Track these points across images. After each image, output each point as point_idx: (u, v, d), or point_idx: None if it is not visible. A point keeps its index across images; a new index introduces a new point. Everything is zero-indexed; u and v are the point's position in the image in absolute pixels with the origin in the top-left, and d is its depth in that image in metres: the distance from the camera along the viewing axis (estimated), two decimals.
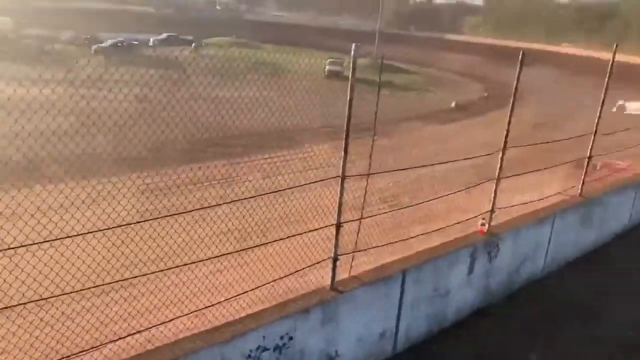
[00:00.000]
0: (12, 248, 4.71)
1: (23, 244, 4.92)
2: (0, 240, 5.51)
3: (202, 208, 6.23)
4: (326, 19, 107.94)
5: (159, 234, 6.03)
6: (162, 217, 5.65)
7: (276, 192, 6.88)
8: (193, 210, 6.04)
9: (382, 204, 11.62)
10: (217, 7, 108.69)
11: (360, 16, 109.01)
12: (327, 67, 43.58)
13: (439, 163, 9.12)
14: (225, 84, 9.36)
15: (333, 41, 61.77)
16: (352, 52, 6.30)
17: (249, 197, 6.52)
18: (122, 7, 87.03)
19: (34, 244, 4.93)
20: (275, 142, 12.13)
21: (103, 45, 46.48)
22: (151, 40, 56.43)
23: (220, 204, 6.51)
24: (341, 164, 6.68)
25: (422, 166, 8.68)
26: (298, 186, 7.13)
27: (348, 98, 6.41)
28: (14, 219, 6.03)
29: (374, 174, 7.33)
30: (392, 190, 12.51)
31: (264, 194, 7.04)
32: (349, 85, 6.39)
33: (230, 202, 6.37)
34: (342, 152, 6.66)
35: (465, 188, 8.88)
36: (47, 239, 4.95)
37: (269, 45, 65.56)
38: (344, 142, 6.63)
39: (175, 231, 6.27)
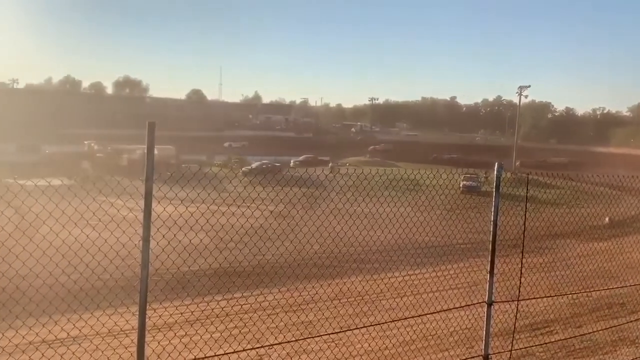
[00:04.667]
0: None
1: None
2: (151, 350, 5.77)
3: (342, 331, 6.06)
4: (460, 136, 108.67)
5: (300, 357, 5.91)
6: (302, 338, 5.57)
7: (415, 317, 6.51)
8: (333, 333, 5.89)
9: (531, 332, 10.47)
10: (352, 129, 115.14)
11: (496, 131, 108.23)
12: (462, 182, 42.93)
13: (598, 289, 8.09)
14: (363, 200, 9.54)
15: (469, 157, 61.48)
16: (496, 170, 6.04)
17: (389, 322, 6.23)
18: (268, 133, 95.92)
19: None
20: (411, 259, 11.82)
21: (250, 167, 50.86)
22: (292, 161, 60.80)
23: (359, 327, 6.30)
24: (483, 284, 6.18)
25: (579, 292, 7.75)
26: (438, 312, 6.69)
27: (492, 215, 6.07)
28: (164, 330, 6.38)
29: (525, 299, 6.66)
30: (543, 315, 11.29)
31: (402, 319, 6.71)
32: (493, 204, 6.08)
33: (369, 325, 6.14)
34: (485, 272, 6.18)
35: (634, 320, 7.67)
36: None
37: (403, 163, 66.95)
38: (489, 261, 6.18)
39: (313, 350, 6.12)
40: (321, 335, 7.13)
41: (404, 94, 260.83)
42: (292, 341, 6.78)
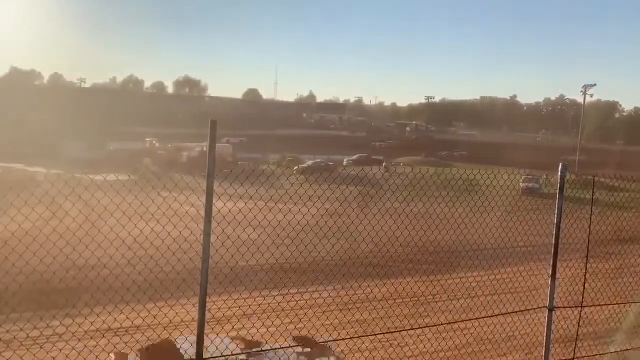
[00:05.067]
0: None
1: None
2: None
3: (395, 331, 6.05)
4: (521, 136, 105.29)
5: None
6: (356, 337, 5.60)
7: (471, 320, 6.39)
8: (387, 333, 5.89)
9: (594, 341, 10.03)
10: (407, 128, 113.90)
11: (558, 132, 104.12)
12: (522, 184, 41.58)
13: None
14: (420, 200, 9.44)
15: (529, 158, 59.51)
16: (560, 171, 5.83)
17: (444, 324, 6.15)
18: (321, 132, 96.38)
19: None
20: (469, 261, 11.58)
21: (304, 165, 51.28)
22: (345, 160, 60.85)
23: (413, 329, 6.26)
24: (544, 289, 5.98)
25: None
26: (495, 315, 6.54)
27: (556, 217, 5.87)
28: (223, 322, 6.57)
29: (588, 306, 6.40)
30: (608, 324, 10.81)
31: (457, 322, 6.61)
32: (557, 206, 5.87)
33: (424, 327, 6.09)
34: (546, 276, 5.98)
35: None
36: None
37: (460, 163, 65.60)
38: (551, 265, 5.98)
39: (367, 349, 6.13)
40: (375, 335, 7.13)
41: (462, 92, 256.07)
42: (345, 339, 6.81)
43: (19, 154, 53.30)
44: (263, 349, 6.06)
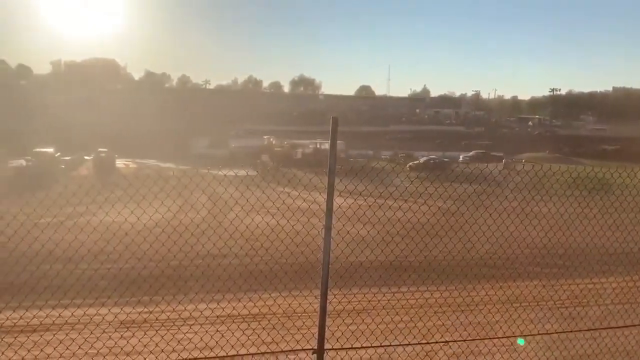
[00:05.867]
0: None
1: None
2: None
3: (514, 336, 5.73)
4: None
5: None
6: (472, 339, 5.39)
7: (601, 329, 5.88)
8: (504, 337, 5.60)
9: None
10: (529, 123, 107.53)
11: None
12: None
13: None
14: (542, 199, 8.85)
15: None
16: None
17: (569, 331, 5.72)
18: (435, 127, 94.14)
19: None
20: (603, 265, 10.66)
21: (416, 162, 50.48)
22: (461, 157, 58.90)
23: (533, 334, 5.89)
24: None
25: None
26: (628, 326, 5.95)
27: None
28: (333, 316, 6.66)
29: None
30: None
31: (586, 330, 6.10)
32: None
33: (546, 333, 5.70)
34: None
35: None
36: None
37: (588, 160, 60.61)
38: None
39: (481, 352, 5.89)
40: (491, 339, 6.82)
41: (591, 83, 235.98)
42: (460, 341, 6.60)
43: (152, 151, 58.39)
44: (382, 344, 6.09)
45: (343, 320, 7.08)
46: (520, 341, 7.03)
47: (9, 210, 8.14)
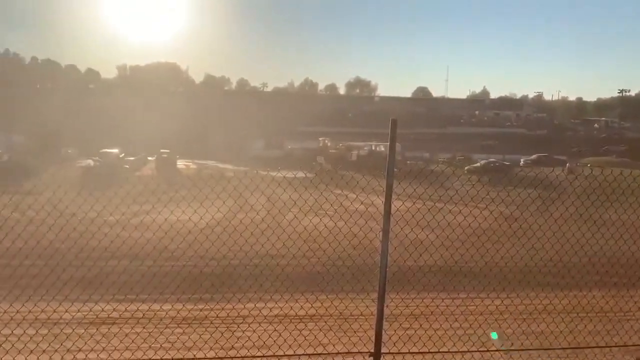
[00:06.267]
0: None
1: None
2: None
3: (578, 347, 5.50)
4: None
5: None
6: (532, 349, 5.22)
7: None
8: (569, 348, 5.40)
9: None
10: (595, 125, 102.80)
11: None
12: None
13: None
14: (611, 205, 8.46)
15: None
16: None
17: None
18: (495, 129, 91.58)
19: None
20: None
21: (475, 165, 49.28)
22: (522, 160, 57.00)
23: (600, 347, 5.64)
24: None
25: None
26: None
27: None
28: (390, 320, 6.62)
29: None
30: None
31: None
32: None
33: (614, 346, 5.45)
34: None
35: None
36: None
37: None
38: None
39: None
40: (554, 349, 6.59)
41: None
42: (519, 350, 6.41)
43: (211, 152, 60.01)
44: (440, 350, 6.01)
45: (400, 325, 7.03)
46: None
47: (79, 208, 8.59)
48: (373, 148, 51.58)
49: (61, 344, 6.27)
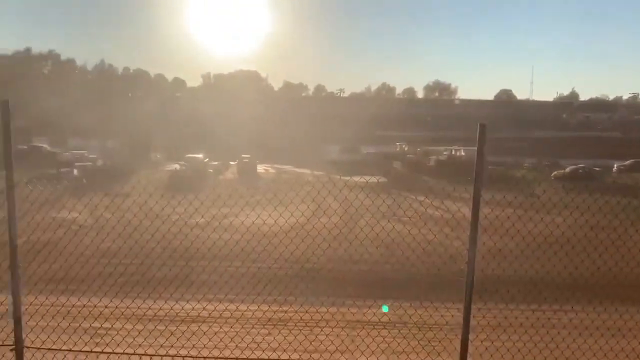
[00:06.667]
0: None
1: None
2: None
3: None
4: None
5: None
6: None
7: None
8: None
9: None
10: None
11: None
12: None
13: None
14: None
15: None
16: None
17: None
18: (585, 134, 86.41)
19: None
20: None
21: (562, 171, 46.75)
22: (615, 166, 53.34)
23: None
24: None
25: None
26: None
27: None
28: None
29: None
30: None
31: None
32: None
33: None
34: None
35: None
36: None
37: None
38: None
39: None
40: None
41: None
42: None
43: (289, 157, 61.14)
44: None
45: (476, 335, 6.81)
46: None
47: (163, 209, 9.08)
48: (453, 153, 50.30)
49: (155, 340, 6.63)
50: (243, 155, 51.05)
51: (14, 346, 4.70)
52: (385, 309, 7.00)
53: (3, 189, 4.46)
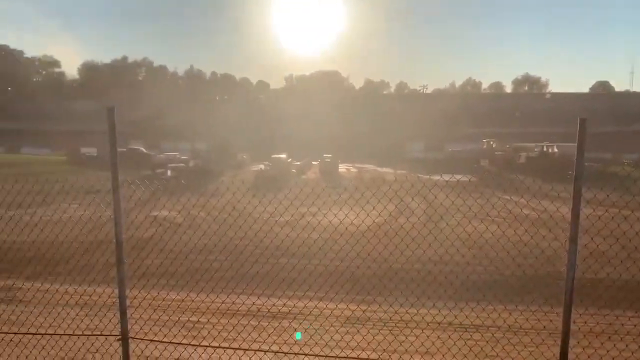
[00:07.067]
0: None
1: None
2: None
3: None
4: None
5: None
6: None
7: None
8: None
9: None
10: None
11: None
12: None
13: None
14: None
15: None
16: None
17: None
18: None
19: None
20: None
21: None
22: None
23: None
24: None
25: None
26: None
27: None
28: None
29: None
30: None
31: None
32: None
33: None
34: None
35: None
36: None
37: None
38: None
39: None
40: None
41: None
42: None
43: (371, 155, 60.98)
44: None
45: (577, 342, 6.43)
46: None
47: (254, 208, 9.36)
48: (545, 149, 47.79)
49: (238, 334, 6.88)
50: (325, 155, 51.56)
51: (120, 336, 5.03)
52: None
53: (109, 189, 4.78)
